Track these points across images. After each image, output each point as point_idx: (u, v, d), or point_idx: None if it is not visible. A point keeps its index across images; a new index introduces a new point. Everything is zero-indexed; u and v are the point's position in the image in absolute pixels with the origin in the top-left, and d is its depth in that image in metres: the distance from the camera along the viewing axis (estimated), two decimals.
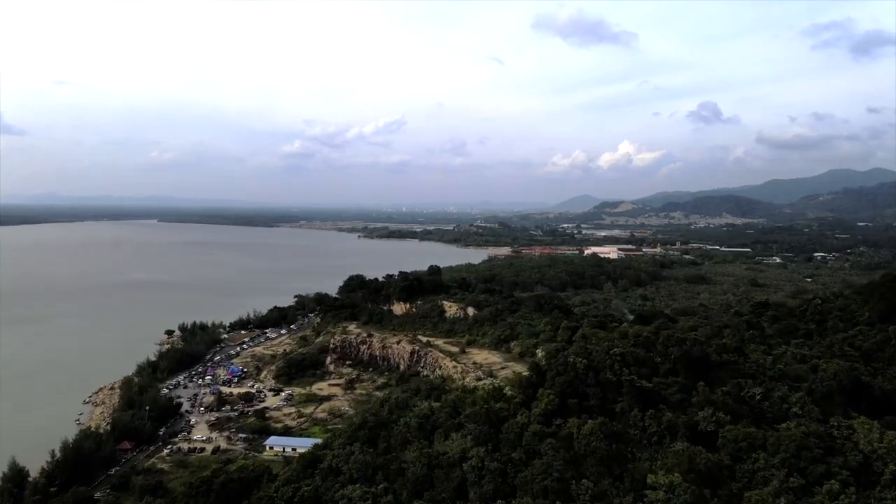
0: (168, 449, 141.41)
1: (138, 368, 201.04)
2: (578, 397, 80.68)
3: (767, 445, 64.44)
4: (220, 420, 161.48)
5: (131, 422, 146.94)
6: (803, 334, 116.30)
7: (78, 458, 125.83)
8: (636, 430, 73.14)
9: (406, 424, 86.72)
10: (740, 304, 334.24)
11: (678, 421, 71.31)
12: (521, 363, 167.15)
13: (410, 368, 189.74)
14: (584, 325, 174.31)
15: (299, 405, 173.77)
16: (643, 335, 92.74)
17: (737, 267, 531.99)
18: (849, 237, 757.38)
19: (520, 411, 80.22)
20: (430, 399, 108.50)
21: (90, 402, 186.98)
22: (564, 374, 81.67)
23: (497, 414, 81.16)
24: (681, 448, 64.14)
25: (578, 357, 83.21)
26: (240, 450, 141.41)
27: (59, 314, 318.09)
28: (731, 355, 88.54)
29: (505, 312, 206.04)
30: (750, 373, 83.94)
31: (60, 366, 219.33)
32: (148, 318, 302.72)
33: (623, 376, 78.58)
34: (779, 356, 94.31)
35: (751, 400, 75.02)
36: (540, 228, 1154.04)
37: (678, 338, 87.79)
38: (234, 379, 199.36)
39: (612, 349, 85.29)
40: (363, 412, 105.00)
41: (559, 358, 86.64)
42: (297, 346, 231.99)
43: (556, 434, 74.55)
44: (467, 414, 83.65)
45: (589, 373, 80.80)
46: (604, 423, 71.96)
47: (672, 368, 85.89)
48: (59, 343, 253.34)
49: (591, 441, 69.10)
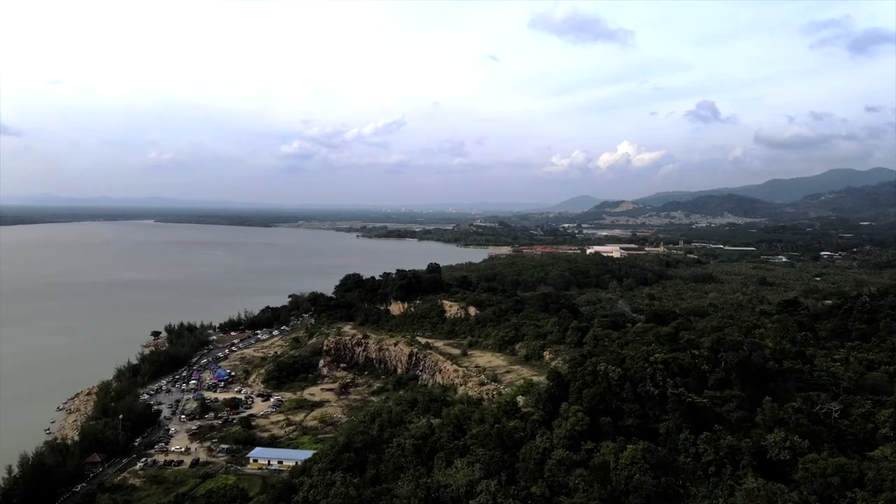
0: (142, 462, 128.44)
1: (118, 372, 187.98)
2: (611, 414, 66.93)
3: (866, 481, 50.38)
4: (203, 429, 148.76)
5: (103, 431, 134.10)
6: (857, 336, 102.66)
7: (38, 475, 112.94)
8: (687, 457, 59.44)
9: (400, 447, 73.06)
10: (751, 303, 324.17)
11: (741, 446, 57.49)
12: (528, 366, 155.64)
13: (408, 372, 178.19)
14: (595, 325, 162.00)
15: (288, 412, 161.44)
16: (684, 338, 79.28)
17: (743, 266, 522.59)
18: (853, 236, 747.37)
19: (539, 431, 66.35)
20: (429, 414, 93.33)
21: (64, 408, 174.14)
22: (594, 386, 67.99)
23: (511, 435, 67.27)
24: (755, 485, 49.94)
25: (611, 365, 69.44)
26: (221, 463, 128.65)
27: (41, 314, 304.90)
28: (792, 362, 74.73)
29: (509, 312, 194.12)
30: (819, 383, 70.40)
31: (38, 369, 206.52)
32: (136, 319, 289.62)
33: (668, 388, 64.59)
34: (842, 361, 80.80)
35: (826, 418, 61.70)
36: (540, 228, 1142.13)
37: (732, 341, 73.80)
38: (221, 383, 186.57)
39: (651, 355, 71.55)
40: (349, 429, 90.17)
41: (586, 365, 72.93)
42: (289, 349, 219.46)
43: (587, 462, 60.96)
44: (474, 434, 69.80)
45: (625, 384, 66.93)
46: (648, 448, 58.14)
47: (724, 379, 71.73)
48: (39, 344, 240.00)
49: (633, 472, 55.43)
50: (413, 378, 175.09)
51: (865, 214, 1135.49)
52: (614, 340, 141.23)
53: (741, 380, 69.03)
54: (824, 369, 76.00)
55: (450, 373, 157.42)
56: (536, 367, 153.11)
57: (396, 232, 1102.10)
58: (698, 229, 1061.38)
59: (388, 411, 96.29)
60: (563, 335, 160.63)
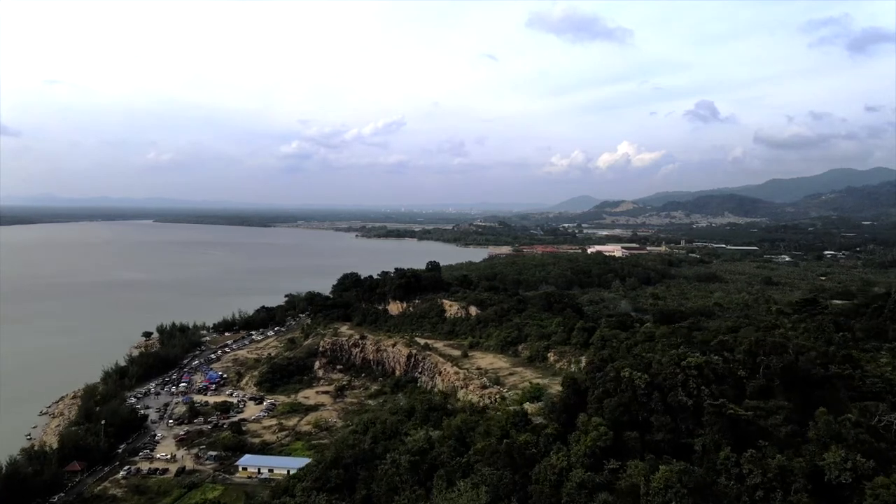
0: (125, 470, 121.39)
1: (105, 375, 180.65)
2: (638, 428, 58.59)
3: None
4: (191, 434, 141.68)
5: (84, 438, 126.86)
6: (894, 337, 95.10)
7: (12, 484, 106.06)
8: (729, 479, 51.06)
9: (395, 463, 64.97)
10: (757, 303, 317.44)
11: (793, 466, 49.56)
12: (532, 368, 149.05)
13: (407, 374, 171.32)
14: (602, 325, 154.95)
15: (282, 416, 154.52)
16: (716, 339, 71.24)
17: (746, 265, 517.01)
18: (856, 235, 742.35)
19: (554, 447, 57.87)
20: (428, 424, 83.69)
21: (48, 412, 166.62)
22: (616, 395, 59.98)
23: (522, 452, 58.53)
24: None
25: (636, 370, 60.93)
26: (208, 471, 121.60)
27: (33, 315, 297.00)
28: (840, 367, 66.55)
29: (511, 312, 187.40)
30: (873, 391, 62.80)
31: (25, 370, 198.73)
32: (129, 319, 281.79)
33: (704, 397, 56.30)
34: (892, 365, 73.00)
35: (887, 432, 53.98)
36: (540, 228, 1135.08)
37: (775, 343, 65.82)
38: (212, 386, 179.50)
39: (683, 358, 62.33)
40: (338, 442, 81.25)
41: (607, 371, 64.52)
42: (283, 350, 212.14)
43: (612, 485, 52.90)
44: (479, 449, 61.63)
45: (653, 393, 58.93)
46: (685, 470, 49.76)
47: (765, 386, 63.05)
48: (29, 345, 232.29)
49: (667, 498, 47.25)
50: (412, 380, 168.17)
51: (867, 214, 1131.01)
52: (622, 341, 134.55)
53: (784, 388, 61.23)
54: (877, 375, 67.84)
55: (450, 375, 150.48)
56: (541, 370, 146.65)
57: (396, 232, 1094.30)
58: (699, 229, 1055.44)
59: (383, 421, 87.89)
60: (569, 336, 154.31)
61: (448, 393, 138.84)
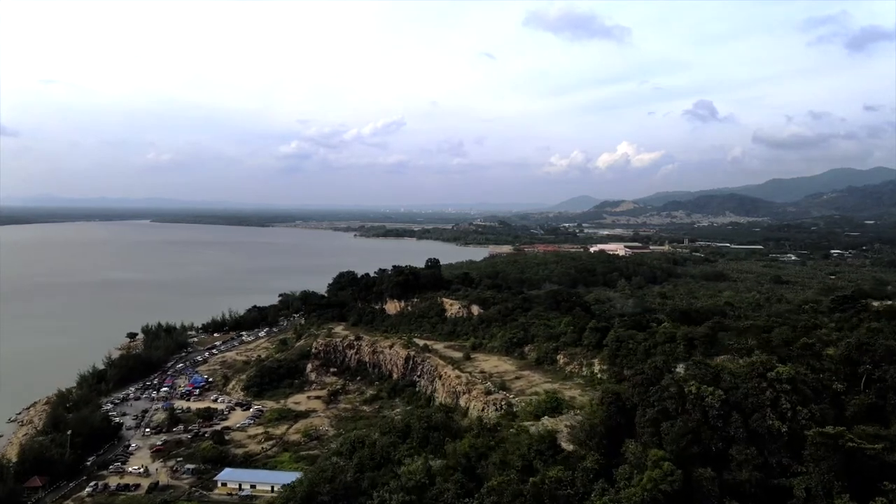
0: (91, 486, 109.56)
1: (80, 379, 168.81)
2: (711, 462, 44.12)
3: None
4: (168, 444, 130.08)
5: (48, 449, 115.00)
6: None
7: None
8: None
9: (384, 503, 51.60)
10: (769, 302, 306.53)
11: None
12: (540, 371, 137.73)
13: (405, 377, 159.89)
14: (616, 325, 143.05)
15: (269, 424, 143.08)
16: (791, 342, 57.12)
17: (753, 264, 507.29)
18: (860, 234, 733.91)
19: (597, 487, 43.32)
20: (428, 449, 67.06)
21: (17, 420, 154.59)
22: (680, 416, 45.96)
23: (554, 494, 43.86)
24: None
25: (704, 384, 46.21)
26: (184, 487, 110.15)
27: (21, 315, 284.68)
28: None
29: (516, 311, 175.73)
30: None
31: (13, 373, 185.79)
32: (117, 319, 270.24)
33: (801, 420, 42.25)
34: None
35: None
36: (541, 227, 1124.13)
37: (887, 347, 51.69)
38: (196, 391, 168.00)
39: (770, 368, 47.29)
40: (315, 471, 68.82)
41: (664, 384, 49.25)
42: (274, 351, 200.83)
43: None
44: (495, 488, 46.66)
45: (731, 414, 44.80)
46: None
47: (874, 404, 49.27)
48: (10, 346, 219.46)
49: None
50: (410, 384, 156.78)
51: (868, 213, 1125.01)
52: (640, 343, 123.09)
53: None
54: None
55: (451, 379, 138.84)
56: (550, 373, 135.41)
57: (395, 231, 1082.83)
58: (701, 228, 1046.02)
59: (372, 443, 71.40)
60: (580, 336, 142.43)
61: (450, 402, 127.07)
